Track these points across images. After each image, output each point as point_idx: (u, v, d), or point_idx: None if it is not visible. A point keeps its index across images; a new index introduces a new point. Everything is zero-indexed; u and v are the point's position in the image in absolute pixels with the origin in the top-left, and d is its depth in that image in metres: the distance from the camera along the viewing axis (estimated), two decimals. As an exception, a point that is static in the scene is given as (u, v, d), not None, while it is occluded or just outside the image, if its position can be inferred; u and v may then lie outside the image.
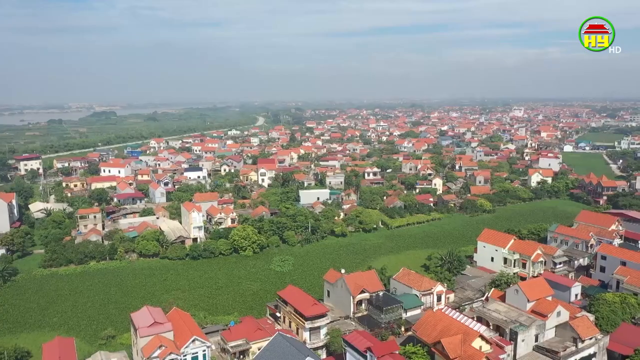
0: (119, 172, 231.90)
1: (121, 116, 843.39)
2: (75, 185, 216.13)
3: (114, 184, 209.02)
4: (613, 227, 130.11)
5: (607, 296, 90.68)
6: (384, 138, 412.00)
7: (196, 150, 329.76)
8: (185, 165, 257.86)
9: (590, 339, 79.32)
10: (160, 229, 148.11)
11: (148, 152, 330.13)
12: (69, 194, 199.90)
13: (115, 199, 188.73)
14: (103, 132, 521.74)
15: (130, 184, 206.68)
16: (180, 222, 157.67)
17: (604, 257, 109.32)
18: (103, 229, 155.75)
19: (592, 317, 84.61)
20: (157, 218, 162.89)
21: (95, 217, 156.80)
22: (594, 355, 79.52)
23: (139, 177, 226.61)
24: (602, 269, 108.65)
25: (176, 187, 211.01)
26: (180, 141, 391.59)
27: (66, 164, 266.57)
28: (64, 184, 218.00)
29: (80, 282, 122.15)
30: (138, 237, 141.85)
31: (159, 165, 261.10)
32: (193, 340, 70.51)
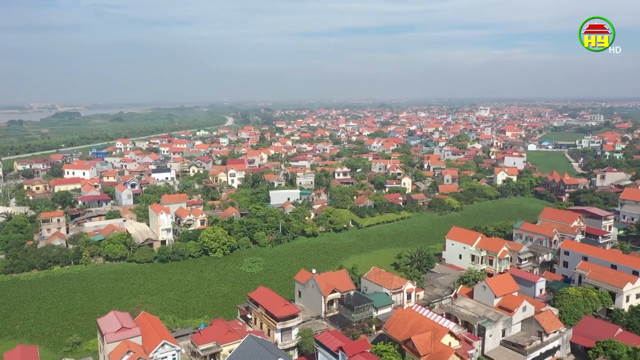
0: (84, 174, 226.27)
1: (85, 117, 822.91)
2: (38, 188, 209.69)
3: (78, 186, 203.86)
4: (575, 223, 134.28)
5: (570, 290, 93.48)
6: (354, 138, 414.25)
7: (164, 151, 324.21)
8: (152, 167, 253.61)
9: (555, 332, 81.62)
10: (127, 231, 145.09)
11: (114, 153, 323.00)
12: (31, 197, 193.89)
13: (79, 202, 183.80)
14: (66, 133, 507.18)
15: (96, 186, 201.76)
16: (148, 225, 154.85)
17: (566, 253, 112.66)
18: (67, 232, 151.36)
19: (556, 311, 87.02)
20: (124, 220, 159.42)
21: (58, 220, 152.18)
22: (558, 348, 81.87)
23: (105, 179, 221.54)
24: (565, 264, 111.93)
25: (143, 188, 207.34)
26: (147, 142, 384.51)
27: (27, 166, 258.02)
28: (25, 187, 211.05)
29: (43, 288, 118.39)
30: (104, 240, 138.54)
31: (126, 166, 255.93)
32: (162, 345, 69.32)
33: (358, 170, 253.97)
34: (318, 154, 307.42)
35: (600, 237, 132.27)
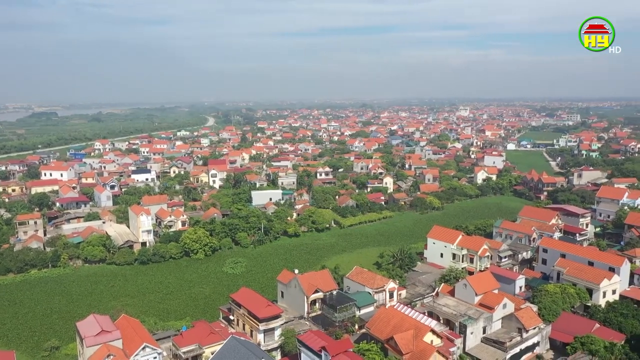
0: (61, 175, 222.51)
1: (63, 117, 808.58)
2: (14, 190, 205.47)
3: (55, 187, 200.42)
4: (553, 221, 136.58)
5: (549, 287, 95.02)
6: (336, 138, 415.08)
7: (144, 152, 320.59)
8: (132, 168, 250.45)
9: (534, 328, 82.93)
10: (106, 233, 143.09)
11: (92, 154, 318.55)
12: (7, 199, 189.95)
13: (57, 204, 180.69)
14: (43, 134, 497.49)
15: (74, 188, 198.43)
16: (128, 226, 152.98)
17: (545, 250, 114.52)
18: (45, 235, 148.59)
19: (535, 308, 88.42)
20: (104, 222, 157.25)
21: (35, 222, 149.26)
22: (537, 344, 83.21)
23: (83, 180, 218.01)
24: (544, 262, 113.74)
25: (123, 190, 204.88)
26: (126, 142, 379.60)
27: (3, 168, 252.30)
28: (0, 189, 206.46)
29: (20, 292, 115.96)
30: (83, 242, 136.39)
31: (105, 167, 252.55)
32: (143, 348, 68.50)
33: (340, 170, 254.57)
34: (300, 154, 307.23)
35: (577, 235, 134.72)
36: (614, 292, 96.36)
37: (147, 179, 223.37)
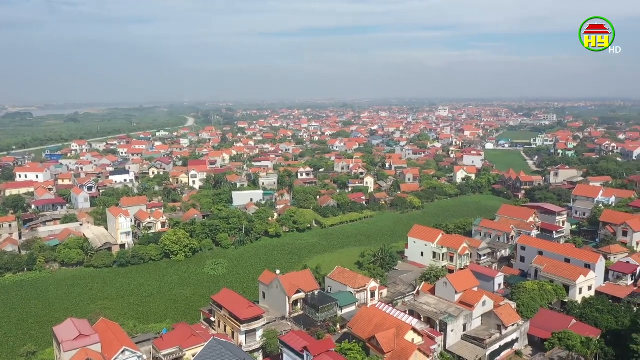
0: (37, 177, 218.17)
1: (38, 117, 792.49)
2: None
3: (31, 189, 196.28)
4: (531, 219, 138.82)
5: (527, 284, 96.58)
6: (316, 138, 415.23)
7: (122, 153, 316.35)
8: (110, 169, 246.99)
9: (513, 325, 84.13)
10: (84, 236, 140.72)
11: (69, 155, 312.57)
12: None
13: (33, 206, 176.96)
14: (18, 135, 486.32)
15: (50, 190, 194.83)
16: (107, 228, 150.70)
17: (523, 248, 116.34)
18: (20, 238, 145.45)
19: (514, 305, 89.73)
20: (81, 225, 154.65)
21: (10, 225, 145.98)
22: (516, 340, 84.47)
23: (60, 182, 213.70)
24: (522, 259, 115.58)
25: (101, 191, 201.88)
26: (104, 143, 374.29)
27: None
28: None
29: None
30: (60, 245, 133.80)
31: (82, 168, 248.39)
32: (123, 351, 67.52)
33: (321, 170, 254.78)
34: (281, 154, 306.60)
35: (554, 232, 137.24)
36: (589, 288, 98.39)
37: (125, 180, 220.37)
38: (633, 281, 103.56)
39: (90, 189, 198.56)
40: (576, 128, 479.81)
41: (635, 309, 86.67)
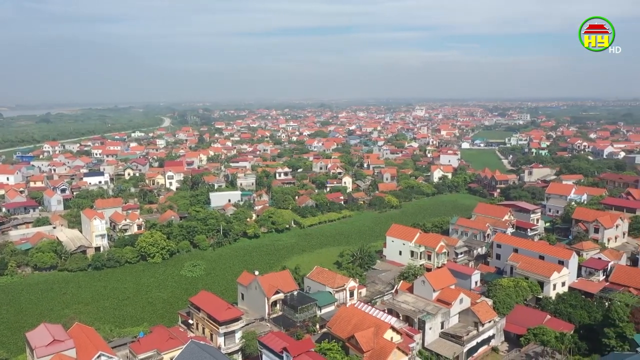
0: (7, 179, 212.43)
1: (8, 118, 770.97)
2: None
3: (1, 192, 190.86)
4: (506, 217, 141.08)
5: (503, 281, 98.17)
6: (294, 138, 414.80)
7: (96, 154, 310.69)
8: (84, 170, 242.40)
9: (489, 322, 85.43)
10: (57, 239, 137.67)
11: (41, 156, 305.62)
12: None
13: (3, 209, 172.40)
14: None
15: (22, 192, 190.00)
16: (81, 231, 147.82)
17: (499, 246, 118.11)
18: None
19: (490, 302, 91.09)
20: (54, 228, 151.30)
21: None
22: (492, 336, 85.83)
23: (32, 184, 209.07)
24: (498, 257, 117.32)
25: (75, 193, 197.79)
26: (78, 144, 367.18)
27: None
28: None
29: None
30: (32, 249, 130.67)
31: (55, 170, 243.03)
32: (98, 356, 66.33)
33: (299, 170, 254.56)
34: (259, 155, 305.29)
35: (529, 230, 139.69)
36: (563, 284, 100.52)
37: (100, 182, 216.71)
38: (605, 277, 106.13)
39: (63, 191, 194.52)
40: (549, 127, 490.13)
41: (607, 303, 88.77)
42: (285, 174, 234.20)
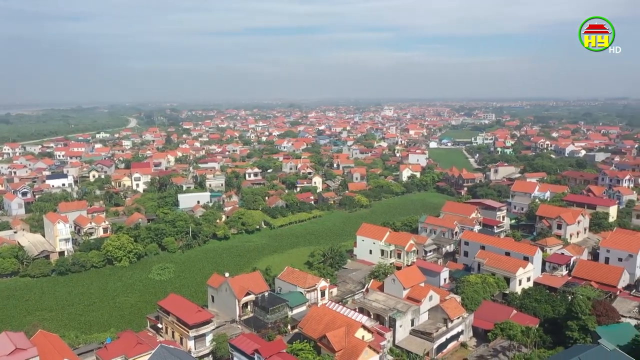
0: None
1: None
2: None
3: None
4: (473, 215, 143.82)
5: (470, 278, 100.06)
6: (264, 138, 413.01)
7: (59, 156, 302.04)
8: (47, 173, 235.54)
9: (458, 318, 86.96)
10: (19, 244, 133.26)
11: (1, 158, 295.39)
12: None
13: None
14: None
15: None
16: (44, 235, 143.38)
17: (466, 243, 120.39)
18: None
19: (459, 298, 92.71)
20: (15, 232, 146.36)
21: None
22: (461, 332, 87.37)
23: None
24: (466, 254, 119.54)
25: (37, 196, 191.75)
26: (39, 146, 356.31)
27: None
28: None
29: None
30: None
31: (15, 173, 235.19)
32: (63, 364, 64.49)
33: (269, 170, 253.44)
34: (228, 155, 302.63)
35: (495, 227, 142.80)
36: (528, 279, 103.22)
37: (63, 185, 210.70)
38: (567, 271, 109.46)
39: (24, 194, 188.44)
40: (513, 127, 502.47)
41: (569, 297, 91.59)
42: (255, 174, 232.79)
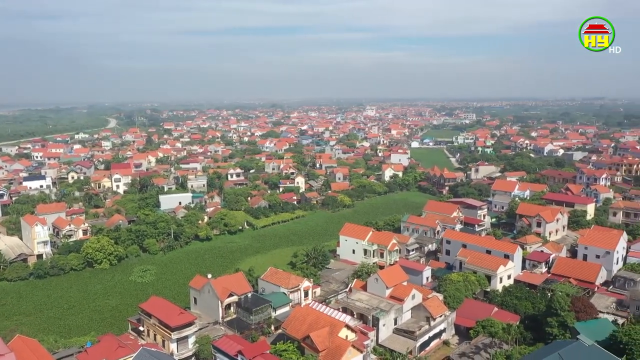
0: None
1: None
2: None
3: None
4: (455, 214, 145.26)
5: (452, 276, 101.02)
6: (246, 138, 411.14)
7: (37, 157, 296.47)
8: (24, 174, 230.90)
9: (441, 316, 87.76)
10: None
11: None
12: None
13: None
14: None
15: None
16: (21, 238, 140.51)
17: (448, 242, 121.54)
18: None
19: (441, 297, 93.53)
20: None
21: None
22: (444, 330, 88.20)
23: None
24: (448, 252, 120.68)
25: (14, 198, 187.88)
26: (16, 147, 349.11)
27: None
28: None
29: None
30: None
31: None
32: (42, 369, 63.31)
33: (251, 170, 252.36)
34: (210, 156, 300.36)
35: (476, 226, 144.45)
36: (509, 277, 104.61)
37: (41, 186, 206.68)
38: (547, 269, 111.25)
39: (1, 196, 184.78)
40: (493, 126, 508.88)
41: (549, 294, 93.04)
42: (237, 175, 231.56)
